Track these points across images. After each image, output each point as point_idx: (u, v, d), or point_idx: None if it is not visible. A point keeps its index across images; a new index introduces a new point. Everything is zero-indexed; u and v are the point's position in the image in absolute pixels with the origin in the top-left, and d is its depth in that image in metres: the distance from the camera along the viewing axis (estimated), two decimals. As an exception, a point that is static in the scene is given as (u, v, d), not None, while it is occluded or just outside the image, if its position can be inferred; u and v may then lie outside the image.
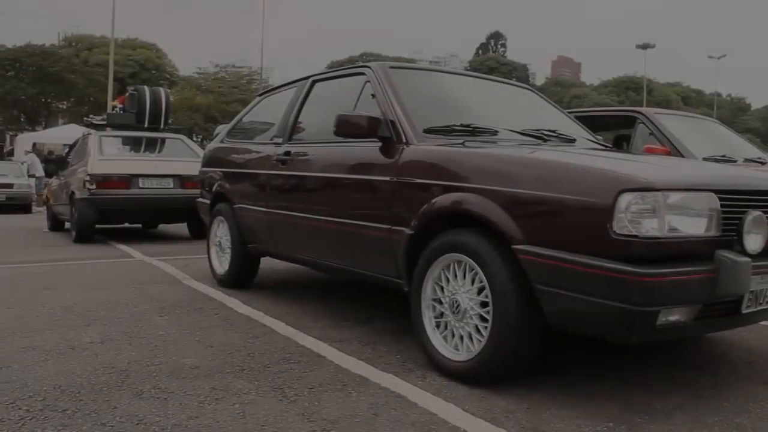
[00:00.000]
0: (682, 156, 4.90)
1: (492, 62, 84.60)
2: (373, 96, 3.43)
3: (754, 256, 2.40)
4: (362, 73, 3.64)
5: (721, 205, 2.36)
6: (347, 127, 3.18)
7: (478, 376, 2.64)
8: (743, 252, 2.38)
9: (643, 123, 5.30)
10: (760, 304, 2.56)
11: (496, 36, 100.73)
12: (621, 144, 6.14)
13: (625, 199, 2.19)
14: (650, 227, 2.19)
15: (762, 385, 2.86)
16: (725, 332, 3.73)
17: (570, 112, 5.43)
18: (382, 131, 3.19)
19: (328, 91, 4.06)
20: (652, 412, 2.47)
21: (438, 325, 2.85)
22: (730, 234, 2.40)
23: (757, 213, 2.42)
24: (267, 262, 5.42)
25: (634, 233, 2.18)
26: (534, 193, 2.45)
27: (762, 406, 2.60)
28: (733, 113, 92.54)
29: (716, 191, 2.37)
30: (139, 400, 2.46)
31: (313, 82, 4.20)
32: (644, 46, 54.88)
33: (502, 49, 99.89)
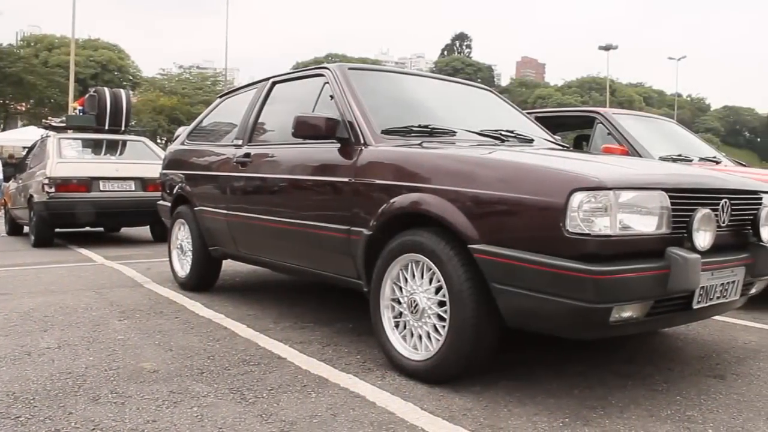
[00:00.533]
0: (640, 155, 4.99)
1: (457, 63, 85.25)
2: (332, 97, 3.43)
3: (704, 253, 2.47)
4: (321, 75, 3.65)
5: (671, 203, 2.42)
6: (305, 129, 3.18)
7: (437, 375, 2.66)
8: (693, 249, 2.44)
9: (602, 123, 5.39)
10: (711, 299, 2.63)
11: (461, 37, 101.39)
12: (581, 144, 6.25)
13: (577, 198, 2.23)
14: (602, 225, 2.24)
15: (714, 378, 2.93)
16: (681, 328, 3.81)
17: (531, 113, 5.50)
18: (340, 132, 3.20)
19: (287, 93, 4.06)
20: (607, 407, 2.52)
21: (397, 325, 2.87)
22: (681, 231, 2.46)
23: (705, 211, 2.49)
24: (230, 265, 5.40)
25: (587, 231, 2.22)
26: (489, 193, 2.48)
27: (713, 398, 2.66)
28: (693, 113, 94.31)
29: (666, 190, 2.43)
30: (96, 405, 2.43)
31: (273, 84, 4.20)
32: (607, 48, 55.59)
33: (468, 50, 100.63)
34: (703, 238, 2.49)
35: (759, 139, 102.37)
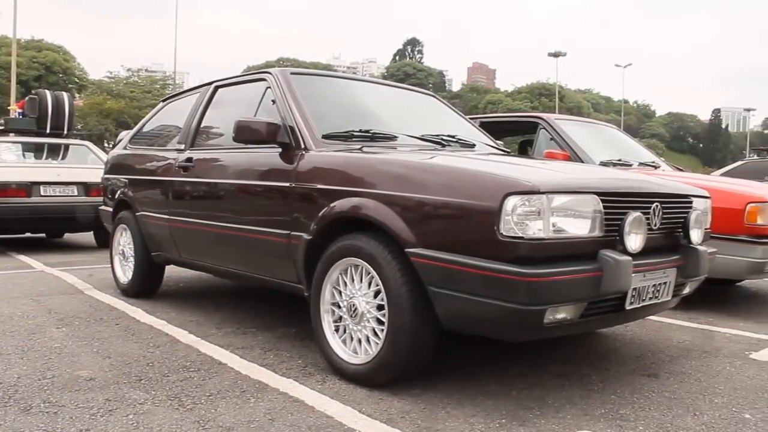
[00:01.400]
0: (582, 160, 5.10)
1: (409, 68, 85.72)
2: (274, 102, 3.43)
3: (636, 255, 2.54)
4: (263, 79, 3.64)
5: (603, 207, 2.48)
6: (246, 133, 3.17)
7: (376, 378, 2.68)
8: (625, 251, 2.50)
9: (545, 129, 5.48)
10: (644, 300, 2.70)
11: (413, 42, 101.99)
12: (526, 149, 6.34)
13: (511, 202, 2.27)
14: (536, 229, 2.28)
15: (648, 377, 3.01)
16: (619, 329, 3.91)
17: (475, 118, 5.57)
18: (281, 137, 3.19)
19: (230, 97, 4.04)
20: (544, 407, 2.57)
21: (337, 329, 2.88)
22: (613, 234, 2.52)
23: (636, 214, 2.56)
24: (175, 271, 5.33)
25: (520, 235, 2.27)
26: (426, 197, 2.51)
27: (646, 397, 2.74)
28: (639, 119, 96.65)
29: (599, 194, 2.49)
30: (27, 416, 2.37)
31: (216, 88, 4.17)
32: (556, 55, 56.59)
33: (419, 55, 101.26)
34: (634, 241, 2.56)
35: (701, 145, 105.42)
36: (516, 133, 6.88)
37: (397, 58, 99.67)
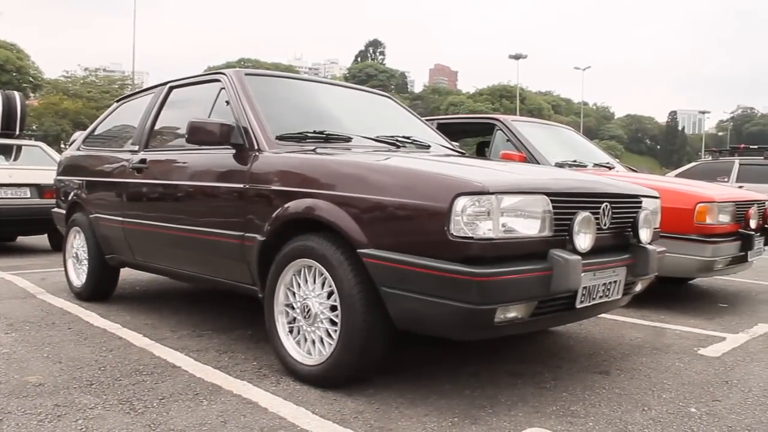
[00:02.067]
0: (537, 161, 5.16)
1: (371, 69, 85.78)
2: (228, 103, 3.41)
3: (585, 254, 2.58)
4: (217, 80, 3.62)
5: (553, 207, 2.52)
6: (199, 134, 3.14)
7: (330, 379, 2.68)
8: (575, 251, 2.55)
9: (501, 130, 5.54)
10: (594, 299, 2.74)
11: (375, 44, 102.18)
12: (483, 150, 6.40)
13: (461, 202, 2.29)
14: (485, 229, 2.31)
15: (599, 374, 3.06)
16: (573, 327, 3.97)
17: (431, 119, 5.61)
18: (234, 138, 3.18)
19: (184, 98, 4.01)
20: (496, 406, 2.60)
21: (291, 331, 2.88)
22: (563, 234, 2.56)
23: (585, 214, 2.60)
24: (131, 273, 5.26)
25: (470, 235, 2.29)
26: (378, 198, 2.52)
27: (596, 393, 2.79)
28: (598, 121, 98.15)
29: (548, 194, 2.52)
30: (-29, 423, 2.33)
31: (171, 89, 4.13)
32: (517, 57, 57.22)
33: (381, 56, 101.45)
34: (583, 240, 2.60)
35: (659, 147, 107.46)
36: (473, 134, 6.93)
37: (359, 59, 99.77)
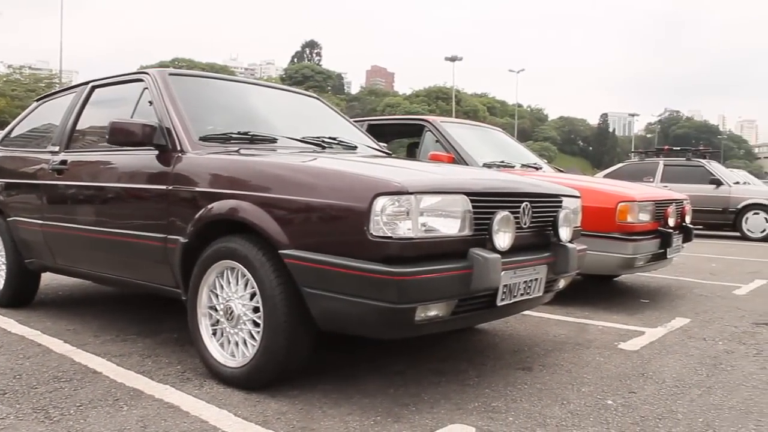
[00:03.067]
0: (466, 162, 5.24)
1: (307, 70, 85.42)
2: (151, 103, 3.35)
3: (505, 253, 2.63)
4: (141, 80, 3.55)
5: (472, 206, 2.56)
6: (121, 135, 3.08)
7: (253, 381, 2.67)
8: (494, 249, 2.59)
9: (431, 131, 5.60)
10: (515, 296, 2.80)
11: (312, 45, 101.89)
12: (414, 151, 6.46)
13: (380, 202, 2.31)
14: (405, 229, 2.33)
15: (522, 370, 3.13)
16: (499, 325, 4.04)
17: (360, 121, 5.63)
18: (157, 139, 3.13)
19: (107, 98, 3.92)
20: (419, 404, 2.62)
21: (215, 333, 2.85)
22: (483, 233, 2.60)
23: (504, 213, 2.65)
24: (54, 278, 5.12)
25: (390, 235, 2.31)
26: (299, 198, 2.52)
27: (518, 389, 2.85)
28: (533, 123, 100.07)
29: (468, 194, 2.57)
30: None
31: (93, 88, 4.03)
32: (453, 59, 57.82)
33: (318, 57, 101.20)
34: (502, 239, 2.65)
35: (591, 148, 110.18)
36: (404, 135, 6.98)
37: (296, 60, 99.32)
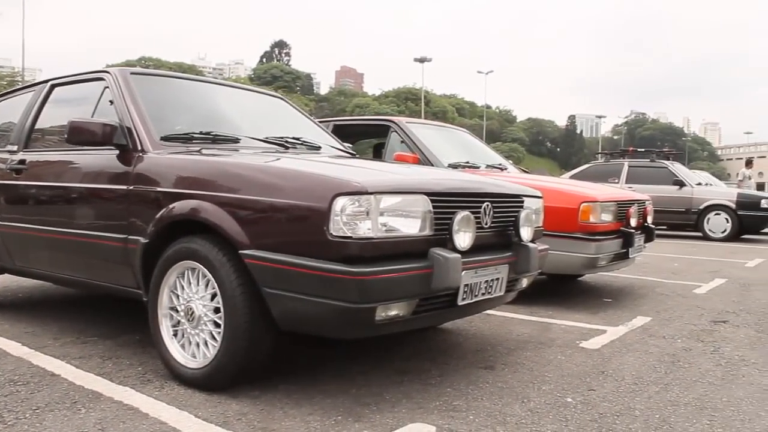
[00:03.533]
0: (431, 163, 5.26)
1: (276, 71, 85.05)
2: (112, 102, 3.32)
3: (466, 253, 2.65)
4: (102, 78, 3.51)
5: (433, 206, 2.57)
6: (80, 134, 3.05)
7: (214, 382, 2.65)
8: (455, 249, 2.61)
9: (396, 132, 5.61)
10: (476, 296, 2.82)
11: (281, 45, 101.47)
12: (380, 151, 6.47)
13: (339, 202, 2.32)
14: (365, 229, 2.34)
15: (484, 369, 3.15)
16: (463, 325, 4.06)
17: (324, 121, 5.62)
18: (117, 139, 3.10)
19: (67, 96, 3.86)
20: (381, 403, 2.63)
21: (176, 334, 2.83)
22: (443, 233, 2.62)
23: (465, 213, 2.67)
24: (14, 280, 5.03)
25: (350, 235, 2.32)
26: (259, 198, 2.52)
27: (480, 388, 2.87)
28: (501, 124, 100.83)
29: (428, 194, 2.58)
30: None
31: (53, 87, 3.97)
32: (422, 60, 57.89)
33: (287, 57, 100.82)
34: (463, 239, 2.67)
35: (559, 149, 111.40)
36: (369, 135, 6.98)
37: (265, 60, 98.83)
